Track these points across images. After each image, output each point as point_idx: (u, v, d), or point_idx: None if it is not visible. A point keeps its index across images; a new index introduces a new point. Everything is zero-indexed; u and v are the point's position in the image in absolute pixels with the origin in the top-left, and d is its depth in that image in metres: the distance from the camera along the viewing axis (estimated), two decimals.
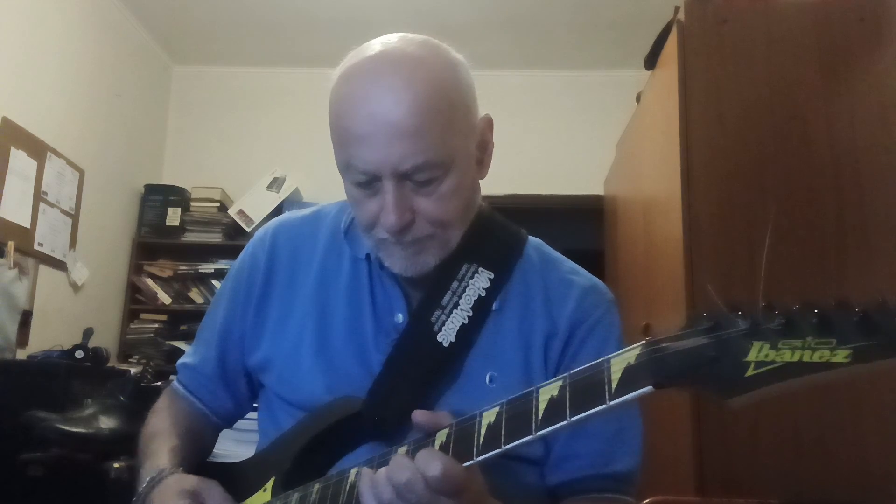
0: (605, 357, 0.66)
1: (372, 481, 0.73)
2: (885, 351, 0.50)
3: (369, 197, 0.87)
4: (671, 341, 0.61)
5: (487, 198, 1.02)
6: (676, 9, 1.95)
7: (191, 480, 0.88)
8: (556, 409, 0.66)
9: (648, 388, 0.61)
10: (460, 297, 0.93)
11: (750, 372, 0.55)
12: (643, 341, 0.63)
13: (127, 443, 2.19)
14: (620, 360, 0.64)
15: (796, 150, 1.76)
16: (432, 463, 0.69)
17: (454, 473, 0.69)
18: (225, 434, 1.13)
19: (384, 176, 0.84)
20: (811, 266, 1.68)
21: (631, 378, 0.62)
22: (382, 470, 0.73)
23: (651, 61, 2.22)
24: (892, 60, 1.78)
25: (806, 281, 1.63)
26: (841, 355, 0.51)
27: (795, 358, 0.53)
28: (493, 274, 0.95)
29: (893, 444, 1.59)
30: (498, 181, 1.18)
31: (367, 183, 0.86)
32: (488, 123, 0.95)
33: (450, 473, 0.69)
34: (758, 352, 0.55)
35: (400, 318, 0.95)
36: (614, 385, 0.63)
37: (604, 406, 0.63)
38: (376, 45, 0.89)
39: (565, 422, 0.65)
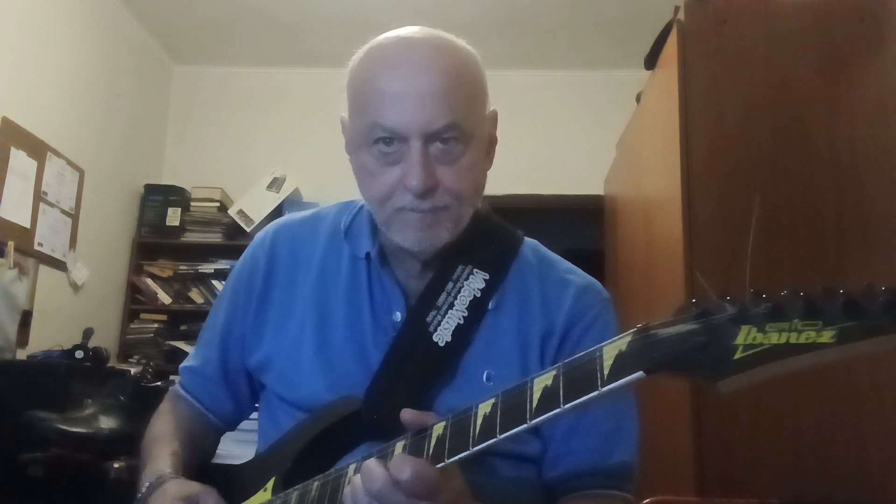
0: (598, 346, 0.67)
1: (351, 491, 0.74)
2: (869, 331, 0.51)
3: (389, 165, 0.88)
4: (662, 328, 0.62)
5: (487, 198, 1.02)
6: (676, 9, 1.94)
7: (189, 486, 0.89)
8: (549, 398, 0.67)
9: (639, 374, 0.61)
10: (455, 297, 0.94)
11: (738, 355, 0.55)
12: (635, 329, 0.64)
13: (127, 443, 2.20)
14: (612, 348, 0.65)
15: (796, 150, 1.76)
16: (403, 468, 0.70)
17: (426, 475, 0.70)
18: (225, 434, 1.13)
19: (412, 136, 0.86)
20: (811, 266, 1.68)
21: (622, 365, 0.63)
22: (357, 478, 0.74)
23: (651, 61, 2.22)
24: (892, 60, 1.78)
25: (805, 281, 1.63)
26: (827, 336, 0.52)
27: (782, 340, 0.54)
28: (488, 275, 0.96)
29: (893, 444, 1.59)
30: (498, 181, 1.18)
31: (389, 145, 0.87)
32: (495, 118, 0.98)
33: (421, 476, 0.70)
34: (745, 335, 0.55)
35: (398, 316, 0.96)
36: (606, 372, 0.63)
37: (596, 392, 0.63)
38: (397, 31, 0.93)
39: (559, 409, 0.66)
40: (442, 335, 0.92)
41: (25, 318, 3.07)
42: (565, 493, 0.93)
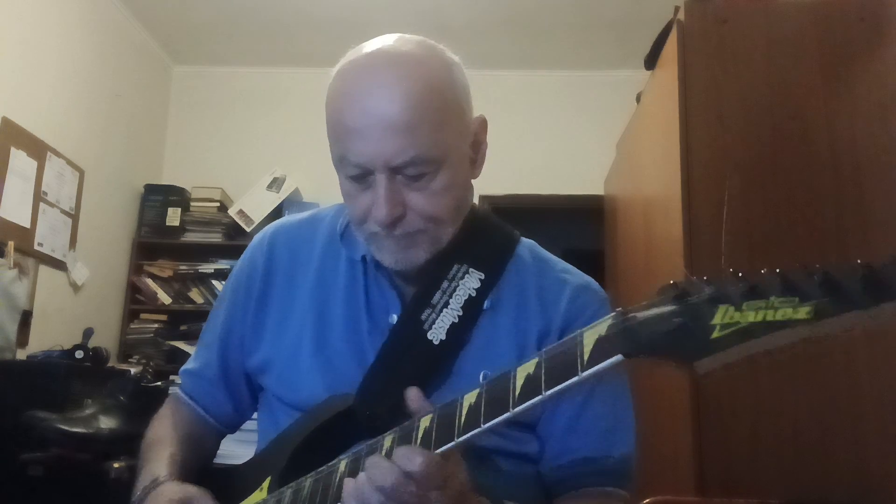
0: (579, 331, 0.67)
1: (356, 490, 0.73)
2: (844, 305, 0.51)
3: (362, 191, 0.89)
4: (641, 311, 0.62)
5: (487, 198, 1.03)
6: (676, 9, 1.94)
7: (184, 489, 0.88)
8: (531, 386, 0.67)
9: (618, 358, 0.61)
10: (450, 296, 0.94)
11: (716, 334, 0.55)
12: (614, 312, 0.64)
13: (127, 443, 2.20)
14: (592, 333, 0.65)
15: (796, 150, 1.76)
16: (413, 458, 0.70)
17: (435, 463, 0.70)
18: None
19: (376, 169, 0.86)
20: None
21: (602, 349, 0.63)
22: (363, 475, 0.72)
23: (651, 61, 2.22)
24: (892, 60, 1.78)
25: None
26: (803, 312, 0.52)
27: (759, 318, 0.54)
28: (483, 274, 0.96)
29: (893, 444, 1.59)
30: (498, 181, 1.19)
31: (360, 177, 0.88)
32: (482, 124, 0.96)
33: (432, 464, 0.70)
34: (723, 315, 0.55)
35: (394, 318, 0.96)
36: (586, 357, 0.64)
37: (576, 378, 0.64)
38: (373, 43, 0.91)
39: (540, 396, 0.66)
40: (436, 333, 0.92)
41: (25, 318, 3.07)
42: (564, 491, 0.94)
